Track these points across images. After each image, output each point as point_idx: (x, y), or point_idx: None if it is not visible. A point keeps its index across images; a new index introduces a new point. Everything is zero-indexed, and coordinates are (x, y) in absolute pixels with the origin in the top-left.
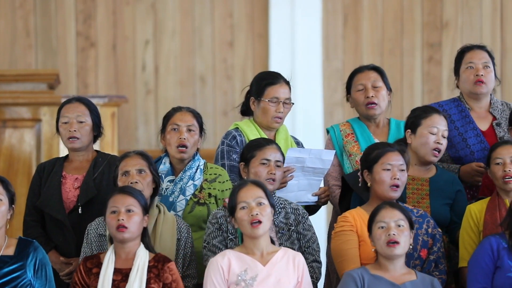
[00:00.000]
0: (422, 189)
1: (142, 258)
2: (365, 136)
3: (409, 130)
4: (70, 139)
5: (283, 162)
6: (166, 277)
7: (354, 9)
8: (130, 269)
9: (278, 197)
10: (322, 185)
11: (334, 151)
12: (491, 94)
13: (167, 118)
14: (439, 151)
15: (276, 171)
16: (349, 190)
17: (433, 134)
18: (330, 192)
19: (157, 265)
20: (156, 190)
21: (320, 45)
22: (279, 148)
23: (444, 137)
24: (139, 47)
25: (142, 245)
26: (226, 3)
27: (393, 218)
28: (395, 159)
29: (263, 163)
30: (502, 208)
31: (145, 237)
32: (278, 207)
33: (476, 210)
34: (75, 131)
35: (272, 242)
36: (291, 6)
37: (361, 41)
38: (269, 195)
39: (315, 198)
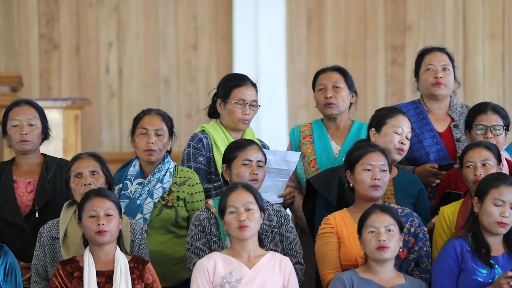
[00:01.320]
0: (387, 189)
1: (122, 260)
2: (322, 138)
3: (373, 129)
4: (21, 141)
5: (265, 162)
6: (147, 278)
7: (318, 12)
8: (111, 271)
9: None
10: None
11: (299, 152)
12: (451, 96)
13: (136, 120)
14: (403, 151)
15: (258, 171)
16: (314, 192)
17: (397, 134)
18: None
19: (137, 266)
20: None
21: (284, 47)
22: (260, 148)
23: (407, 138)
24: (102, 49)
25: (118, 247)
26: (190, 5)
27: (383, 223)
28: (376, 159)
29: (245, 164)
30: None
31: (120, 239)
32: (265, 210)
33: (449, 212)
34: (26, 134)
35: (262, 244)
36: (255, 8)
37: (325, 43)
38: (258, 199)
39: (281, 200)
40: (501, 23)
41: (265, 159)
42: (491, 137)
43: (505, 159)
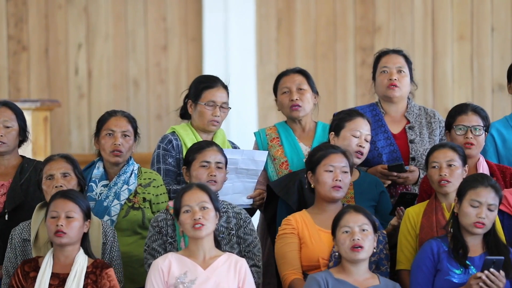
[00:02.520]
0: (347, 192)
1: (80, 263)
2: (290, 140)
3: (332, 133)
4: None
5: (225, 164)
6: (104, 284)
7: (288, 13)
8: (67, 274)
9: (222, 201)
10: None
11: (267, 151)
12: (409, 98)
13: (101, 122)
14: (361, 154)
15: (216, 172)
16: (275, 197)
17: (355, 137)
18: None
19: (95, 271)
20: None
21: (254, 49)
22: (220, 150)
23: (366, 141)
24: (71, 51)
25: (81, 250)
26: (159, 6)
27: (357, 223)
28: (338, 161)
29: (203, 165)
30: (439, 212)
31: (85, 242)
32: (221, 211)
33: (413, 213)
34: (1, 136)
35: (219, 246)
36: (225, 10)
37: (295, 45)
38: (214, 199)
39: (250, 201)
40: (469, 25)
41: (225, 160)
42: (471, 138)
43: (485, 160)
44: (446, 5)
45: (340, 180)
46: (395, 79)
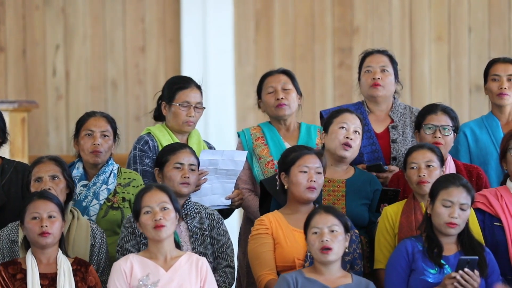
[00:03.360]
0: (338, 190)
1: (65, 262)
2: (275, 140)
3: (323, 131)
4: None
5: (198, 166)
6: (91, 280)
7: (266, 14)
8: (54, 274)
9: (194, 202)
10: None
11: (246, 151)
12: (394, 98)
13: (80, 123)
14: (349, 146)
15: (190, 174)
16: (269, 194)
17: (342, 128)
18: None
19: (80, 268)
20: (70, 196)
21: (232, 50)
22: (193, 152)
23: (357, 133)
24: (49, 52)
25: (60, 250)
26: (137, 8)
27: (326, 224)
28: (312, 162)
29: (177, 167)
30: (418, 211)
31: (62, 242)
32: (193, 212)
33: (392, 213)
34: None
35: (178, 246)
36: (203, 11)
37: (273, 46)
38: (174, 200)
39: (229, 202)
40: (447, 26)
41: (198, 162)
42: (439, 137)
43: (453, 160)
44: (423, 6)
45: (314, 181)
46: (378, 78)
